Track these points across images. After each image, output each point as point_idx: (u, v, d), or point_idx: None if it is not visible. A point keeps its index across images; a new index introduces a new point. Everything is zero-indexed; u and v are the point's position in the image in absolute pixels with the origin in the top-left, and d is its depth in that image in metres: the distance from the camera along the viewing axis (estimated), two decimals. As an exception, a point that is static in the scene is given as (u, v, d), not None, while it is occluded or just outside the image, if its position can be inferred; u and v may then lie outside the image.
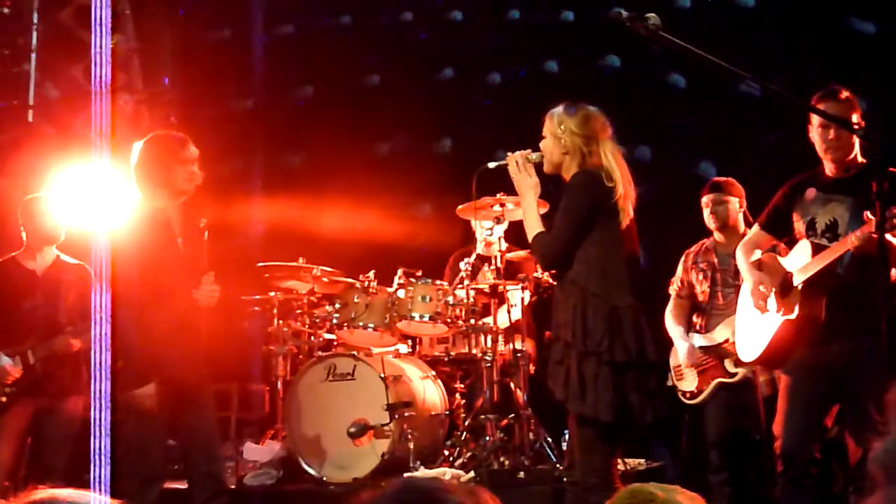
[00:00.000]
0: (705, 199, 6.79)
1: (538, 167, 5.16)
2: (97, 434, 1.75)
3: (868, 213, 4.77)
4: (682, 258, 6.96)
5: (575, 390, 4.86)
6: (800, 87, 5.07)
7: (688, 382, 6.78)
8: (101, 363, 1.82)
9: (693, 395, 6.77)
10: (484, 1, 9.91)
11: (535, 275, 7.26)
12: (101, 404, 1.76)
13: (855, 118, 5.19)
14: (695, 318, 6.85)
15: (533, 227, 5.11)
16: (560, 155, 5.05)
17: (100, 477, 1.68)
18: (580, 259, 4.95)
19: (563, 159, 5.05)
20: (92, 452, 1.75)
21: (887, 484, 1.40)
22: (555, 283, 5.41)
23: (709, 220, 6.78)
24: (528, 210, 5.16)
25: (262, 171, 10.19)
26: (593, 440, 4.94)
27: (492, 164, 5.39)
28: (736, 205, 6.74)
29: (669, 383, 6.89)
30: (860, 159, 5.24)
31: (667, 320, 6.89)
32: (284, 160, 10.09)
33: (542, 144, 5.13)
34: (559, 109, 5.08)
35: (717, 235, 6.79)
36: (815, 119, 5.26)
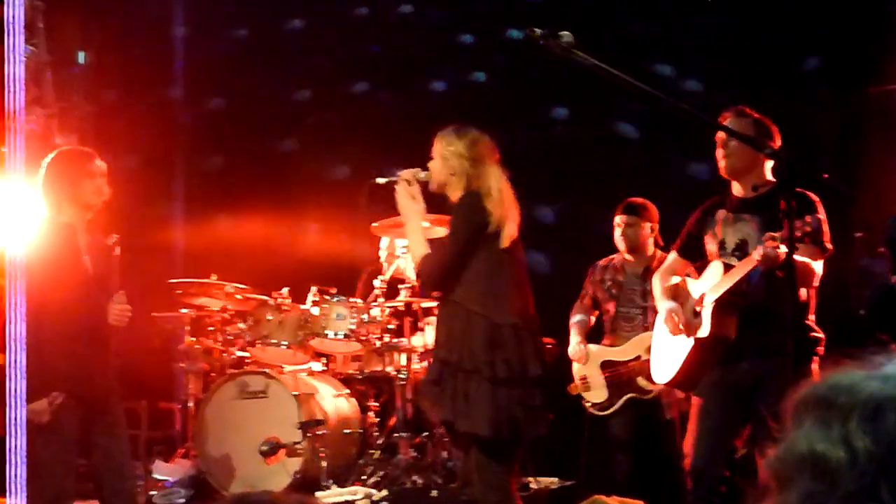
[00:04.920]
0: (618, 220, 6.90)
1: (425, 185, 5.28)
2: (13, 433, 1.73)
3: (771, 232, 4.82)
4: (589, 270, 7.06)
5: (461, 408, 4.94)
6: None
7: (596, 394, 6.84)
8: (16, 362, 1.81)
9: (602, 407, 6.83)
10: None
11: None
12: (16, 402, 1.75)
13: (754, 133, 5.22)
14: (604, 337, 6.96)
15: (418, 250, 5.22)
16: (447, 175, 5.18)
17: (16, 476, 1.66)
18: (463, 279, 5.06)
19: (449, 180, 5.19)
20: (8, 451, 1.73)
21: (779, 491, 1.44)
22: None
23: (619, 241, 6.89)
24: (414, 232, 5.30)
25: (179, 189, 10.09)
26: (486, 458, 5.01)
27: (381, 180, 5.45)
28: (647, 229, 6.84)
29: (574, 393, 6.94)
30: (768, 177, 5.28)
31: (571, 320, 7.02)
32: (200, 178, 10.00)
33: (430, 164, 5.25)
34: (448, 131, 5.23)
35: (626, 255, 6.88)
36: (719, 137, 5.35)
